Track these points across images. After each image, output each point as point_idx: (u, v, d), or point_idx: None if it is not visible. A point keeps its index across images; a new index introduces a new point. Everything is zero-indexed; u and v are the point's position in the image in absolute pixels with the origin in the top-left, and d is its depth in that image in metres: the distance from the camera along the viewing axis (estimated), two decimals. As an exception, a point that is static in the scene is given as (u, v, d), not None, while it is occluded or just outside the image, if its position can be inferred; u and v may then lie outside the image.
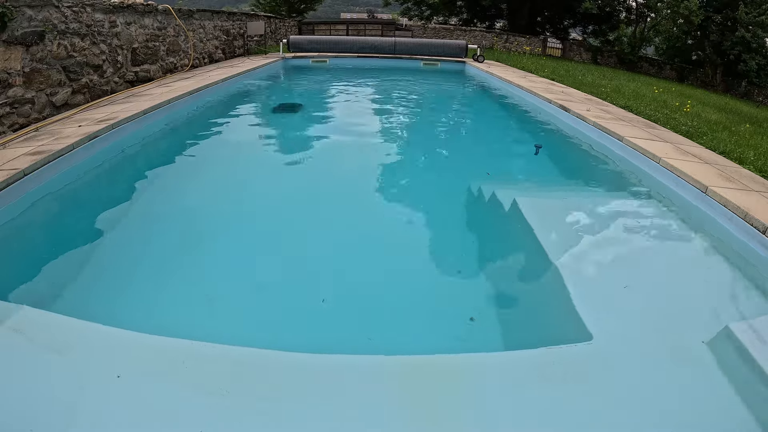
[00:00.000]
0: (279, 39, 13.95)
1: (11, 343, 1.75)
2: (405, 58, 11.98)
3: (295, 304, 2.41)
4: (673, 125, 5.84)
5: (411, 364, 1.73)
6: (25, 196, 3.16)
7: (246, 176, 4.26)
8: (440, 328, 2.27)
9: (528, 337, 2.20)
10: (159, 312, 2.28)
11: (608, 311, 2.09)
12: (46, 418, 1.43)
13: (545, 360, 1.77)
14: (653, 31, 20.84)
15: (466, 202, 3.78)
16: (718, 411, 1.58)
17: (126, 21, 6.44)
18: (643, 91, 9.93)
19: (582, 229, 3.05)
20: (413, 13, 24.73)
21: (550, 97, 6.92)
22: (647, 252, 2.90)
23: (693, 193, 3.55)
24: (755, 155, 4.66)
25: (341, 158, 4.82)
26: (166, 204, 3.55)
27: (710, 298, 2.37)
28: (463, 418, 1.49)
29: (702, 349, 1.84)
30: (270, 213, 3.51)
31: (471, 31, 21.05)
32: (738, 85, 18.39)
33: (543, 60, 15.40)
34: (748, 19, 16.80)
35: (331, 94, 8.37)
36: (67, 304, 2.26)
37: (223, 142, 5.18)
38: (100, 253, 2.77)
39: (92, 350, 1.75)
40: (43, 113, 4.76)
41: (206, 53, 9.56)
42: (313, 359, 1.73)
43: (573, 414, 1.54)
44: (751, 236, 2.91)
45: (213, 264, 2.76)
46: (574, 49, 21.48)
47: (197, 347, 1.73)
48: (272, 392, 1.56)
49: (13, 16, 4.23)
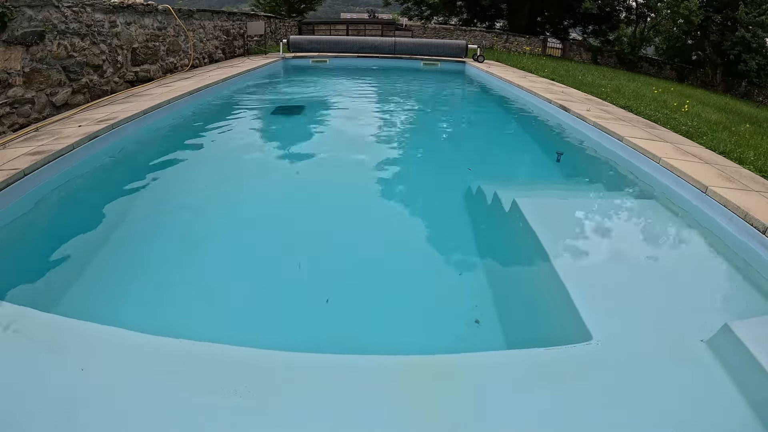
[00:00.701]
0: (279, 39, 13.96)
1: (11, 343, 1.75)
2: (405, 58, 11.98)
3: (297, 305, 2.41)
4: (673, 125, 5.84)
5: (411, 364, 1.73)
6: (25, 196, 3.16)
7: (246, 176, 4.26)
8: (441, 328, 2.27)
9: (528, 337, 2.20)
10: (159, 312, 2.28)
11: (608, 311, 2.09)
12: (46, 418, 1.43)
13: (545, 360, 1.77)
14: (653, 31, 20.84)
15: (466, 202, 3.78)
16: (718, 411, 1.58)
17: (126, 21, 6.44)
18: (643, 91, 9.93)
19: (582, 229, 3.06)
20: (413, 13, 24.73)
21: (550, 97, 6.92)
22: (647, 252, 2.90)
23: (693, 193, 3.55)
24: (755, 155, 4.66)
25: (341, 158, 4.81)
26: (166, 204, 3.55)
27: (710, 298, 2.37)
28: (463, 418, 1.49)
29: (702, 348, 1.84)
30: (270, 213, 3.51)
31: (471, 31, 21.04)
32: (738, 85, 18.39)
33: (543, 60, 15.40)
34: (748, 19, 16.81)
35: (331, 94, 8.37)
36: (67, 304, 2.26)
37: (223, 142, 5.18)
38: (100, 254, 2.77)
39: (92, 350, 1.75)
40: (43, 113, 4.76)
41: (206, 53, 9.56)
42: (313, 359, 1.73)
43: (573, 414, 1.54)
44: (751, 236, 2.91)
45: (213, 264, 2.76)
46: (574, 49, 21.48)
47: (197, 347, 1.73)
48: (272, 392, 1.56)
49: (13, 16, 4.23)
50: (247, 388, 1.55)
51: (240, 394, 1.53)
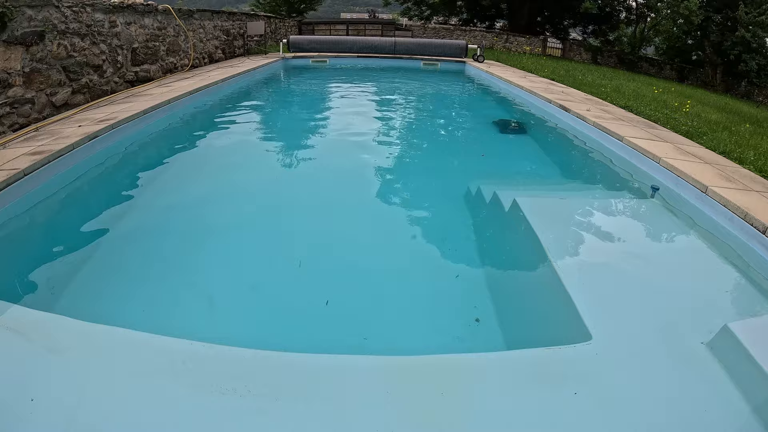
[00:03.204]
0: (279, 39, 13.95)
1: (11, 343, 1.75)
2: (405, 58, 11.98)
3: (297, 305, 2.41)
4: (673, 125, 5.84)
5: (411, 365, 1.73)
6: (25, 196, 3.16)
7: (246, 175, 4.26)
8: (441, 328, 2.27)
9: (527, 338, 2.20)
10: (159, 312, 2.28)
11: (608, 311, 2.09)
12: (46, 418, 1.43)
13: (545, 360, 1.77)
14: (653, 31, 20.86)
15: (466, 203, 3.77)
16: (718, 411, 1.58)
17: (126, 21, 6.44)
18: (643, 91, 9.92)
19: (582, 230, 3.05)
20: (413, 13, 24.72)
21: (550, 97, 6.92)
22: (647, 252, 2.90)
23: (693, 193, 3.55)
24: (755, 155, 4.65)
25: (341, 158, 4.82)
26: (166, 204, 3.55)
27: (710, 298, 2.37)
28: (463, 419, 1.49)
29: (702, 349, 1.84)
30: (270, 213, 3.50)
31: (471, 31, 21.03)
32: (738, 85, 18.38)
33: (543, 60, 15.39)
34: (748, 19, 16.80)
35: (331, 94, 8.37)
36: (67, 304, 2.26)
37: (223, 141, 5.18)
38: (100, 253, 2.77)
39: (92, 350, 1.75)
40: (43, 113, 4.76)
41: (206, 53, 9.56)
42: (313, 359, 1.73)
43: (573, 414, 1.54)
44: (751, 236, 2.91)
45: (213, 264, 2.76)
46: (574, 49, 21.48)
47: (197, 347, 1.73)
48: (272, 392, 1.56)
49: (13, 16, 4.23)
50: (247, 388, 1.55)
51: (240, 394, 1.53)
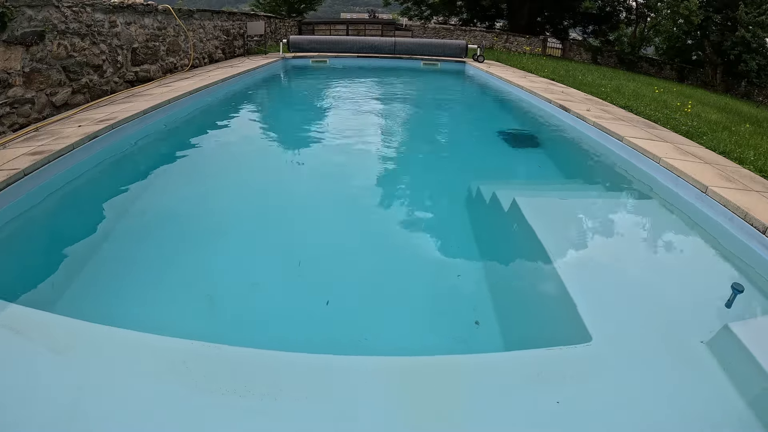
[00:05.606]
0: (279, 39, 13.95)
1: (11, 343, 1.75)
2: (405, 58, 11.98)
3: (297, 306, 2.40)
4: (673, 125, 5.84)
5: (411, 365, 1.73)
6: (25, 196, 3.16)
7: (246, 175, 4.26)
8: (441, 329, 2.27)
9: (527, 338, 2.20)
10: (159, 312, 2.27)
11: (607, 312, 2.09)
12: (46, 418, 1.43)
13: (545, 361, 1.77)
14: (653, 31, 20.81)
15: (466, 203, 3.78)
16: (718, 411, 1.58)
17: (126, 21, 6.43)
18: (643, 91, 9.92)
19: (582, 230, 3.06)
20: (413, 13, 24.71)
21: (550, 97, 6.92)
22: (647, 252, 2.90)
23: (693, 193, 3.55)
24: (755, 155, 4.65)
25: (341, 158, 4.81)
26: (165, 204, 3.55)
27: (710, 298, 2.37)
28: (463, 419, 1.49)
29: (701, 349, 1.84)
30: (270, 212, 3.50)
31: (471, 31, 21.03)
32: (738, 85, 18.37)
33: (543, 60, 15.39)
34: (748, 19, 16.79)
35: (331, 94, 8.37)
36: (67, 304, 2.26)
37: (223, 141, 5.18)
38: (100, 253, 2.77)
39: (92, 350, 1.75)
40: (43, 113, 4.76)
41: (206, 53, 9.56)
42: (313, 359, 1.73)
43: (572, 415, 1.54)
44: (751, 236, 2.91)
45: (214, 263, 2.76)
46: (574, 49, 21.47)
47: (197, 347, 1.73)
48: (272, 392, 1.56)
49: (13, 16, 4.23)
50: (247, 388, 1.55)
51: (240, 394, 1.53)
